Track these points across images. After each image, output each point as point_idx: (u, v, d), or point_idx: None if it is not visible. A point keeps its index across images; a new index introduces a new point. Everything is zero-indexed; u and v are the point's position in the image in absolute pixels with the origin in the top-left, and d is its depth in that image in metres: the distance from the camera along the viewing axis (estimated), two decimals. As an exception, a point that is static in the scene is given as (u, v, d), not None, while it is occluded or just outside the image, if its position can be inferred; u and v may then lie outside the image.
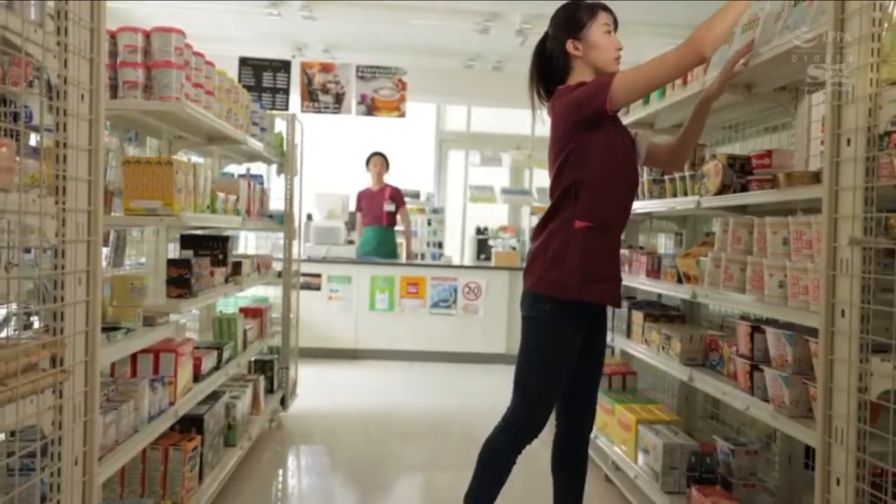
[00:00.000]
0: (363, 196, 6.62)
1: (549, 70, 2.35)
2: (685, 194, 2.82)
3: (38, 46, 1.31)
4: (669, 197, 2.99)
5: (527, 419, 2.20)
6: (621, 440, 3.17)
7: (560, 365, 2.18)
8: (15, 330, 1.71)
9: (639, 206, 3.27)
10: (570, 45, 2.23)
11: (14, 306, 1.67)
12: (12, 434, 1.46)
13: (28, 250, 1.91)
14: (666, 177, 3.03)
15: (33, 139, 2.02)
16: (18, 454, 1.28)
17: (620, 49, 2.25)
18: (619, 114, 3.21)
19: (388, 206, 6.55)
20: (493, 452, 2.23)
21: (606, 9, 2.26)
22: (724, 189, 2.45)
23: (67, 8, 1.40)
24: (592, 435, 3.50)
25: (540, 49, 2.37)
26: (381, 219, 6.57)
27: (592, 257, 2.14)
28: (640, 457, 2.94)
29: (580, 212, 2.14)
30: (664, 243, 4.15)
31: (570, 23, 2.24)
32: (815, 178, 2.00)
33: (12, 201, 1.23)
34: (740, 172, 2.45)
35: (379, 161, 6.57)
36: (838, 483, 1.62)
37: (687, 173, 2.80)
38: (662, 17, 5.43)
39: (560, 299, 2.13)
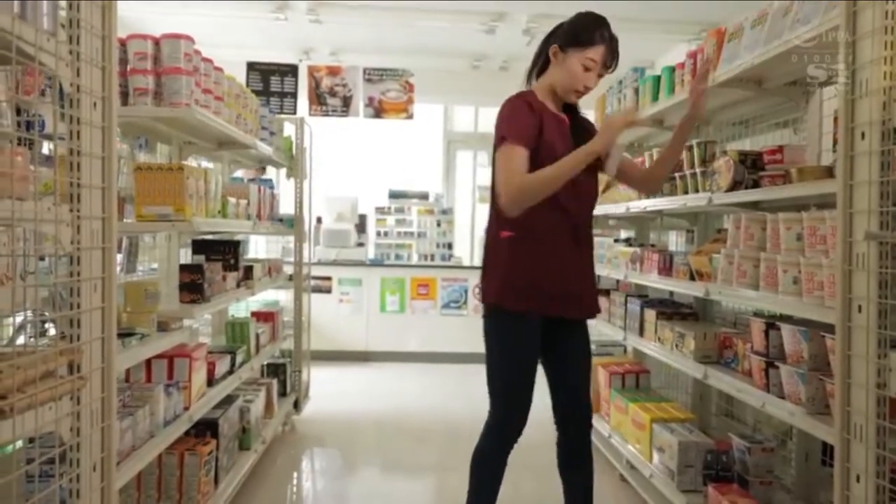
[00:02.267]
0: None
1: (538, 58, 2.36)
2: (696, 191, 2.81)
3: (51, 55, 1.32)
4: (680, 194, 2.97)
5: (504, 418, 2.23)
6: (636, 439, 3.15)
7: (520, 364, 2.21)
8: (31, 337, 1.72)
9: (649, 204, 3.25)
10: (552, 49, 2.24)
11: (30, 314, 1.68)
12: (31, 441, 1.47)
13: (42, 258, 1.92)
14: (677, 174, 3.02)
15: (46, 148, 2.04)
16: (38, 461, 1.29)
17: (586, 90, 2.23)
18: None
19: None
20: (482, 457, 2.26)
21: (610, 50, 2.19)
22: (735, 185, 2.44)
23: (79, 17, 1.41)
24: (606, 434, 3.50)
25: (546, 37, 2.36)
26: None
27: (522, 267, 2.15)
28: (656, 456, 2.92)
29: (503, 221, 2.18)
30: (675, 241, 4.14)
31: (567, 31, 2.23)
32: (828, 172, 1.99)
33: (28, 210, 1.24)
34: (752, 168, 2.43)
35: None
36: (858, 480, 1.61)
37: (698, 170, 2.79)
38: (673, 15, 5.41)
39: (502, 307, 2.19)
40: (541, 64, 2.31)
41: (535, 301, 2.15)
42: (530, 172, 2.09)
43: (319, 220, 6.74)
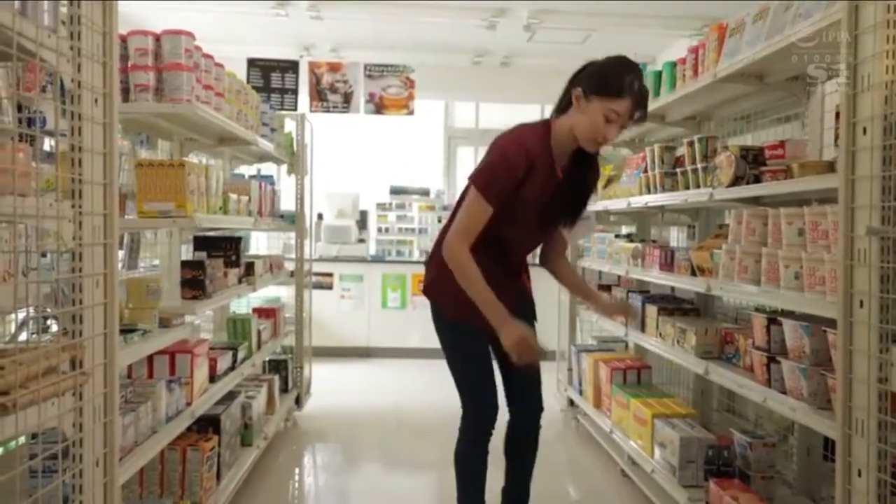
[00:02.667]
0: None
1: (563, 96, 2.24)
2: (697, 186, 2.81)
3: (53, 52, 1.32)
4: (682, 189, 2.97)
5: (475, 411, 2.30)
6: (637, 434, 3.16)
7: (474, 359, 2.27)
8: (33, 334, 1.72)
9: (651, 200, 3.25)
10: (576, 92, 2.11)
11: (32, 310, 1.69)
12: (34, 437, 1.47)
13: (44, 255, 1.92)
14: (678, 169, 3.02)
15: (47, 145, 2.04)
16: (41, 456, 1.30)
17: (606, 142, 2.14)
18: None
19: None
20: (463, 454, 2.35)
21: (637, 102, 2.07)
22: (736, 181, 2.44)
23: (80, 13, 1.41)
24: (608, 429, 3.50)
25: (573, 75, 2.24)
26: None
27: (458, 284, 2.14)
28: (657, 451, 2.93)
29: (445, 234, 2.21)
30: (677, 236, 4.14)
31: (594, 76, 2.10)
32: (830, 167, 1.98)
33: (30, 206, 1.24)
34: (753, 163, 2.43)
35: None
36: (859, 474, 1.61)
37: (699, 165, 2.79)
38: (674, 11, 5.40)
39: (442, 313, 2.32)
40: (564, 103, 2.18)
41: (467, 314, 2.16)
42: (496, 215, 2.10)
43: (320, 216, 6.74)
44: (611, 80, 2.06)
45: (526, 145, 2.11)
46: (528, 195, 2.13)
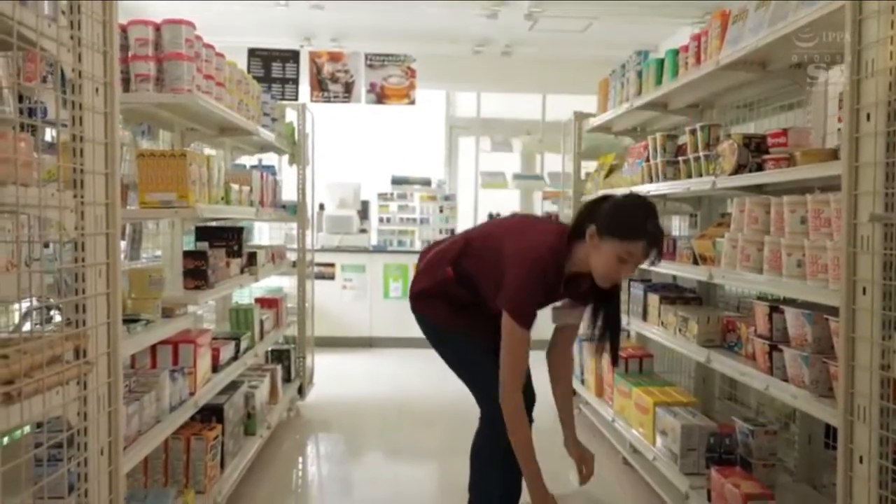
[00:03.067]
0: None
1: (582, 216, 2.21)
2: (700, 175, 2.80)
3: (53, 41, 1.32)
4: (684, 178, 2.96)
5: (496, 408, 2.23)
6: (639, 423, 3.17)
7: (474, 356, 2.30)
8: (37, 324, 1.73)
9: (653, 189, 3.25)
10: (590, 230, 2.09)
11: (35, 300, 1.69)
12: (39, 426, 1.48)
13: (47, 245, 1.93)
14: (680, 158, 3.01)
15: (49, 135, 2.04)
16: (46, 444, 1.31)
17: (619, 281, 2.17)
18: (632, 96, 3.19)
19: None
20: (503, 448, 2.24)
21: (651, 245, 2.05)
22: (739, 169, 2.43)
23: (80, 2, 1.40)
24: (610, 418, 3.51)
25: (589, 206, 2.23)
26: None
27: (450, 303, 2.33)
28: (659, 439, 2.94)
29: (457, 263, 2.29)
30: (679, 225, 4.13)
31: (609, 217, 2.07)
32: (833, 155, 1.98)
33: (32, 195, 1.24)
34: (756, 152, 2.43)
35: None
36: (861, 461, 1.61)
37: (702, 153, 2.78)
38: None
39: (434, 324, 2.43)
40: (580, 229, 2.14)
41: (459, 323, 2.32)
42: (489, 295, 2.19)
43: (322, 206, 6.74)
44: (625, 221, 2.05)
45: (545, 267, 2.12)
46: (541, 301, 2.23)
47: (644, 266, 2.25)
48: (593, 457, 2.36)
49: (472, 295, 2.29)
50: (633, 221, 2.05)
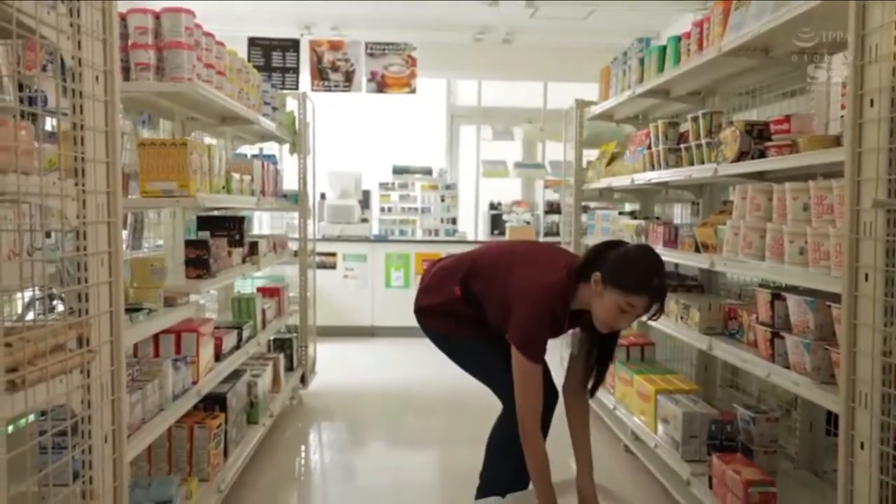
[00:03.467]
0: None
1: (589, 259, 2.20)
2: (702, 162, 2.79)
3: (52, 28, 1.31)
4: (686, 166, 2.95)
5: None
6: (641, 411, 3.17)
7: (492, 353, 2.28)
8: (39, 313, 1.73)
9: (655, 176, 3.24)
10: (595, 276, 2.09)
11: (38, 290, 1.69)
12: (43, 414, 1.49)
13: (48, 235, 1.93)
14: (682, 145, 3.00)
15: (49, 125, 2.03)
16: (50, 432, 1.31)
17: (618, 329, 2.20)
18: (633, 83, 3.19)
19: None
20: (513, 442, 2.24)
21: (654, 299, 2.06)
22: (741, 156, 2.42)
23: (79, -11, 1.39)
24: (611, 406, 3.52)
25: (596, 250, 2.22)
26: None
27: (459, 315, 2.35)
28: (660, 427, 2.94)
29: (465, 283, 2.32)
30: (681, 213, 4.13)
31: (615, 267, 2.07)
32: (837, 141, 1.97)
33: (33, 184, 1.24)
34: (758, 139, 2.41)
35: None
36: (862, 447, 1.62)
37: (704, 141, 2.77)
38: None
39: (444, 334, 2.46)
40: (585, 270, 2.14)
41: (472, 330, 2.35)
42: (493, 314, 2.26)
43: (323, 196, 6.74)
44: (630, 274, 2.06)
45: (552, 305, 2.14)
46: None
47: (643, 319, 2.24)
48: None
49: (478, 314, 2.31)
50: (637, 275, 2.05)
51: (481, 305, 2.30)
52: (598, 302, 2.10)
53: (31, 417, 1.52)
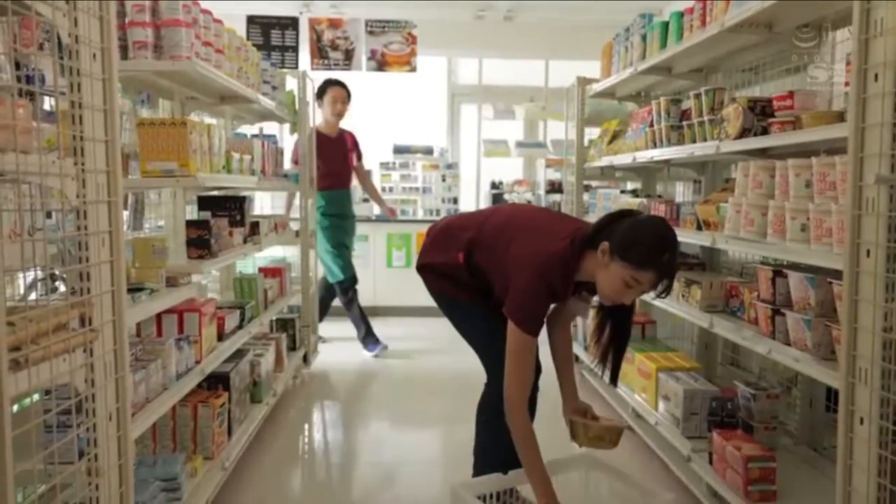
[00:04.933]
0: (322, 144, 4.85)
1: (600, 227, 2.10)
2: (704, 140, 2.77)
3: (48, 5, 1.30)
4: (688, 143, 2.94)
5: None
6: (641, 388, 3.19)
7: (491, 321, 2.26)
8: (42, 294, 1.74)
9: (657, 154, 3.22)
10: (602, 245, 2.00)
11: (40, 271, 1.70)
12: (48, 393, 1.50)
13: (49, 215, 1.92)
14: (685, 122, 2.98)
15: (48, 104, 2.02)
16: (55, 410, 1.32)
17: (621, 303, 2.08)
18: (636, 59, 3.16)
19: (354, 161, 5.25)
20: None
21: (662, 276, 1.96)
22: (744, 133, 2.41)
23: (74, -35, 1.38)
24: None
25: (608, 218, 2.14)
26: (346, 179, 5.22)
27: (464, 278, 2.33)
28: (661, 404, 2.96)
29: (467, 249, 2.29)
30: (682, 192, 4.11)
31: (624, 239, 1.97)
32: (840, 117, 1.96)
33: (33, 163, 1.24)
34: (761, 115, 2.40)
35: (341, 95, 5.03)
36: (862, 422, 1.63)
37: (706, 118, 2.75)
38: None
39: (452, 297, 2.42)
40: (594, 238, 2.05)
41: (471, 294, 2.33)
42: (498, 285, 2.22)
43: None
44: (640, 249, 1.94)
45: (550, 280, 2.07)
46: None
47: (649, 297, 2.18)
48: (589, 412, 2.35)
49: (480, 283, 2.28)
50: (648, 250, 1.94)
51: (484, 275, 2.26)
52: (604, 273, 2.01)
53: (36, 397, 1.53)
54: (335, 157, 5.03)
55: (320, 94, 4.91)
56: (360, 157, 5.36)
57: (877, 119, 1.56)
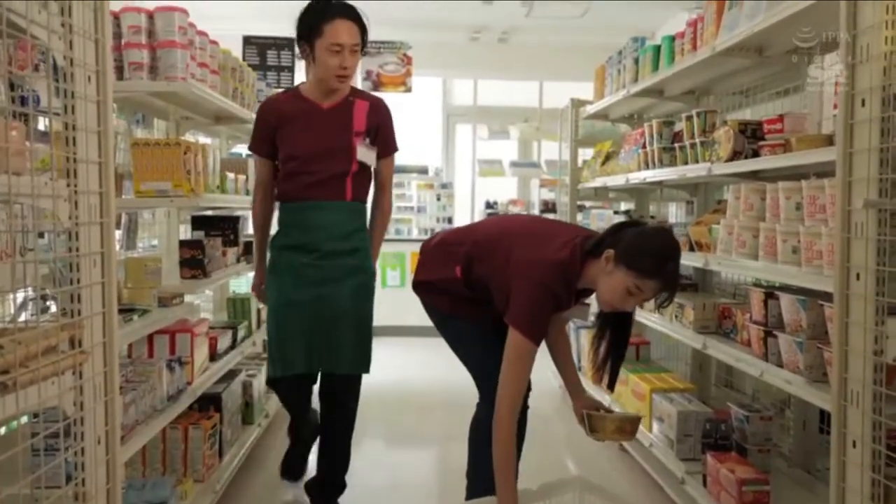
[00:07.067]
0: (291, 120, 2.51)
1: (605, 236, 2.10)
2: (696, 161, 2.80)
3: (43, 28, 1.31)
4: (680, 165, 2.96)
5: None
6: (635, 409, 3.18)
7: (486, 342, 2.26)
8: (32, 314, 1.73)
9: (650, 175, 3.24)
10: (606, 253, 1.99)
11: (31, 290, 1.69)
12: (36, 416, 1.49)
13: (41, 235, 1.92)
14: (677, 144, 3.00)
15: (42, 124, 2.03)
16: (42, 434, 1.31)
17: (621, 310, 2.08)
18: (628, 82, 3.19)
19: (364, 153, 2.57)
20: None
21: (665, 286, 1.96)
22: (735, 155, 2.43)
23: (70, -11, 1.39)
24: (607, 404, 3.52)
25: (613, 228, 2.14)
26: (342, 187, 2.52)
27: (465, 296, 2.29)
28: (655, 425, 2.95)
29: (465, 265, 2.25)
30: (675, 212, 4.14)
31: (628, 247, 1.96)
32: (829, 141, 1.98)
33: (25, 185, 1.24)
34: (752, 138, 2.42)
35: (354, 31, 2.47)
36: (854, 445, 1.63)
37: (698, 140, 2.78)
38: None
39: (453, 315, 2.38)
40: (600, 246, 2.04)
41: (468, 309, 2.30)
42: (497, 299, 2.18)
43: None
44: (644, 257, 1.94)
45: (554, 290, 2.06)
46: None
47: (651, 307, 2.19)
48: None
49: (479, 296, 2.25)
50: (651, 258, 1.94)
51: (484, 288, 2.23)
52: (606, 280, 2.00)
53: (23, 419, 1.52)
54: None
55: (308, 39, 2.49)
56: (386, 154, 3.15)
57: (864, 145, 1.57)
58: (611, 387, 2.32)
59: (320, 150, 2.47)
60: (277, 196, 2.61)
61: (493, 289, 2.20)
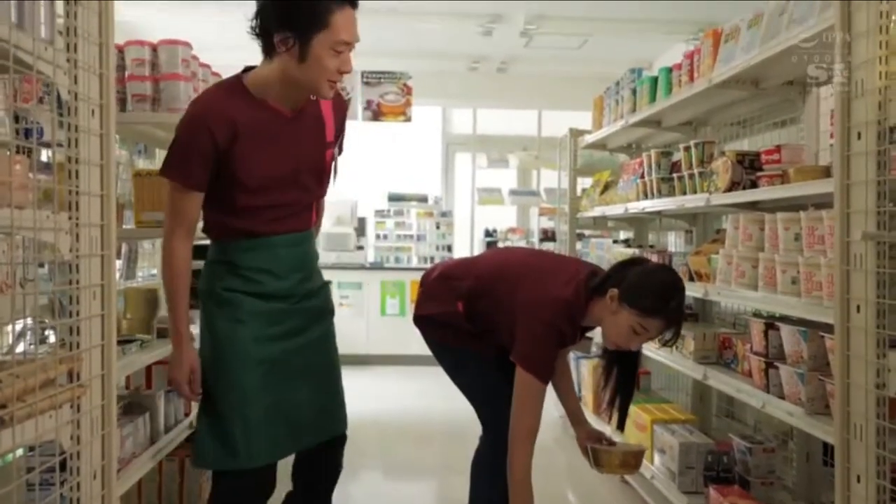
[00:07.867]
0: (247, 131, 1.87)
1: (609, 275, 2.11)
2: (694, 192, 2.81)
3: (49, 64, 1.32)
4: (679, 195, 2.97)
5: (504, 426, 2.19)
6: (637, 441, 3.15)
7: (488, 378, 2.25)
8: (31, 345, 1.72)
9: (648, 206, 3.26)
10: (611, 292, 2.00)
11: (30, 321, 1.69)
12: (31, 449, 1.47)
13: (42, 265, 1.92)
14: (675, 175, 3.02)
15: (45, 156, 2.04)
16: (38, 469, 1.30)
17: (627, 349, 2.10)
18: (626, 112, 3.23)
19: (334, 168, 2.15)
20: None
21: (670, 324, 1.99)
22: (733, 186, 2.44)
23: (77, 24, 1.41)
24: (608, 435, 3.50)
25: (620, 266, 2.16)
26: (310, 213, 2.08)
27: (468, 330, 2.26)
28: (657, 457, 2.92)
29: (466, 298, 2.23)
30: (674, 242, 4.14)
31: (632, 286, 1.98)
32: (826, 172, 1.99)
33: (27, 218, 1.24)
34: (750, 169, 2.44)
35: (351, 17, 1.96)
36: (858, 480, 1.61)
37: (696, 171, 2.80)
38: (671, 15, 5.41)
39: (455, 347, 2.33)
40: (602, 285, 2.06)
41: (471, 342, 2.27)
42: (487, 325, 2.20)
43: (319, 223, 6.72)
44: (649, 297, 1.96)
45: (561, 328, 2.06)
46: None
47: (655, 345, 2.19)
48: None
49: (480, 329, 2.24)
50: (656, 297, 1.96)
51: (485, 323, 2.21)
52: (611, 320, 2.01)
53: (19, 453, 1.50)
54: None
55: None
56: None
57: (861, 177, 1.58)
58: (620, 427, 2.31)
59: (291, 176, 1.90)
60: (221, 234, 1.94)
61: (497, 322, 2.19)
